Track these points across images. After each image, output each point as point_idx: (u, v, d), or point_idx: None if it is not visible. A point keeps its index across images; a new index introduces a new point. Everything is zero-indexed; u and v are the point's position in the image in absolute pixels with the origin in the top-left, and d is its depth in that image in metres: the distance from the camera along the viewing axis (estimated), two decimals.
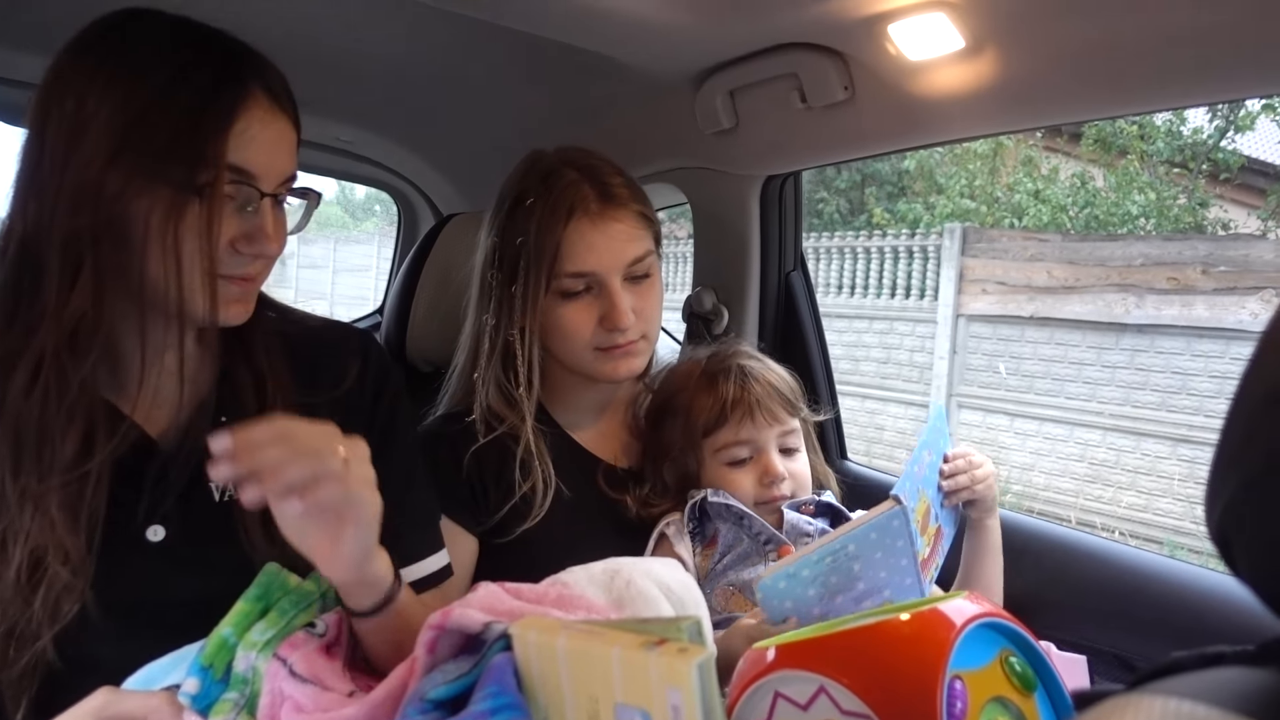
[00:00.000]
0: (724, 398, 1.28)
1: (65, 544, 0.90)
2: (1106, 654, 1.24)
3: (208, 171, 0.87)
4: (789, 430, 1.29)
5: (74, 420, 0.90)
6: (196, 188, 0.87)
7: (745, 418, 1.27)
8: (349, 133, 2.08)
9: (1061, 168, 8.97)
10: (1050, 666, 0.78)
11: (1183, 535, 5.86)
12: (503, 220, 1.28)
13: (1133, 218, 8.15)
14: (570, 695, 0.72)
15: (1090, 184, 8.52)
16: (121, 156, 0.86)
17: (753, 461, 1.27)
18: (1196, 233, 7.66)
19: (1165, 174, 8.43)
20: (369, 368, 1.12)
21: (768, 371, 1.31)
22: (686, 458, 1.31)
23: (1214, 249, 6.08)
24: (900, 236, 8.00)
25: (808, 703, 0.75)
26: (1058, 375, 6.73)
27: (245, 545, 0.98)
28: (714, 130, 1.54)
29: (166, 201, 0.87)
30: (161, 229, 0.87)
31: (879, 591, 1.10)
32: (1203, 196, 8.37)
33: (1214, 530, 0.51)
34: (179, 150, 0.87)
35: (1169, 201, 8.23)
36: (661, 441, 1.33)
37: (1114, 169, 8.42)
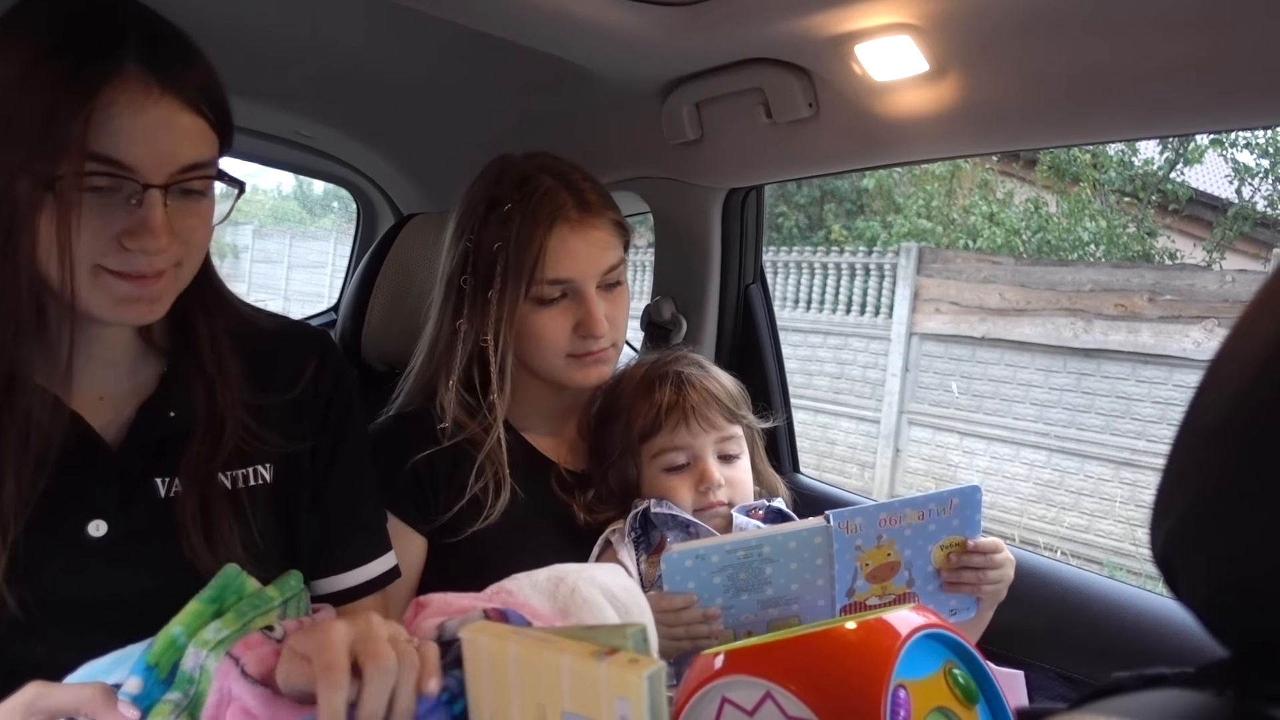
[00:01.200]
0: (659, 403, 1.28)
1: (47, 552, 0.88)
2: (1045, 670, 1.26)
3: (68, 162, 0.81)
4: (727, 436, 1.29)
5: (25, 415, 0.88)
6: (52, 180, 0.81)
7: (680, 424, 1.27)
8: (309, 127, 2.06)
9: (1016, 192, 9.14)
10: (992, 680, 0.79)
11: (1122, 556, 5.99)
12: (476, 225, 1.26)
13: (1083, 244, 8.32)
14: (518, 701, 0.72)
15: (1043, 209, 8.69)
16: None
17: (689, 468, 1.28)
18: (1145, 262, 7.84)
19: (1116, 202, 8.63)
20: (325, 370, 1.11)
21: (707, 379, 1.32)
22: (626, 463, 1.31)
23: (1161, 278, 6.24)
24: (858, 254, 8.09)
25: (754, 708, 0.76)
26: (1006, 396, 6.84)
27: (185, 549, 0.96)
28: (679, 141, 1.54)
29: (29, 193, 0.81)
30: (34, 221, 0.82)
31: (787, 603, 1.12)
32: (1151, 226, 8.57)
33: (1157, 554, 0.52)
34: (34, 139, 0.80)
35: (1119, 230, 8.42)
36: (604, 446, 1.34)
37: (1067, 195, 8.60)
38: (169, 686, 0.89)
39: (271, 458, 1.05)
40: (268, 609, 0.97)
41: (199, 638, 0.91)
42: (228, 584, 0.96)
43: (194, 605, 0.93)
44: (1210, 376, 0.49)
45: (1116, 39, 1.00)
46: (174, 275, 0.92)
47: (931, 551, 1.13)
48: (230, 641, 0.91)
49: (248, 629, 0.94)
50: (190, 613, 0.92)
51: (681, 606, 1.08)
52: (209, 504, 0.98)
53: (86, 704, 0.79)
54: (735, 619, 1.12)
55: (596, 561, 1.25)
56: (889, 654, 0.73)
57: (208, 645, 0.90)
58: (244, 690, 0.87)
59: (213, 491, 0.98)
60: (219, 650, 0.90)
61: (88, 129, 0.81)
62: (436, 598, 0.93)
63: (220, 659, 0.89)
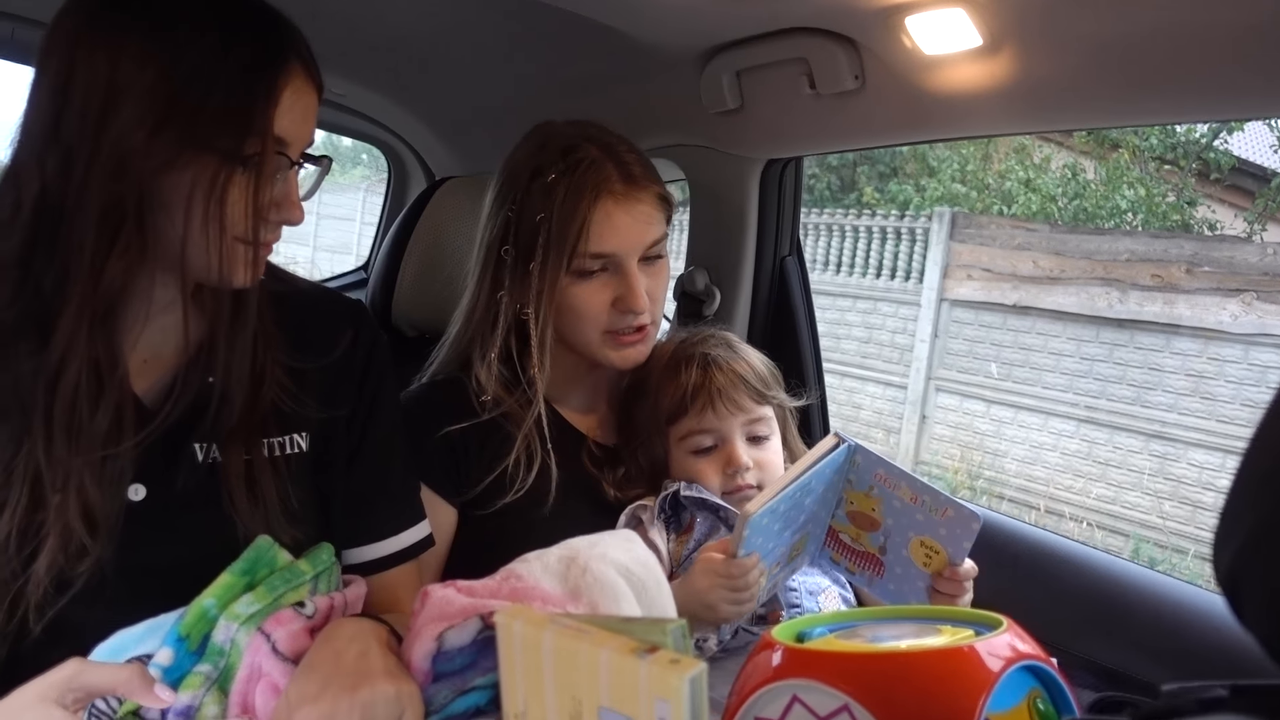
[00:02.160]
0: (685, 386, 1.26)
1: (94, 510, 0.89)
2: (1078, 659, 1.25)
3: (254, 142, 0.87)
4: (755, 419, 1.27)
5: (106, 392, 0.88)
6: (243, 158, 0.87)
7: (706, 407, 1.25)
8: (341, 85, 2.03)
9: (1053, 157, 8.97)
10: (1073, 706, 0.78)
11: (1149, 529, 5.95)
12: (519, 195, 1.24)
13: (1121, 212, 8.17)
14: (553, 690, 0.71)
15: (1081, 175, 8.53)
16: (167, 125, 0.84)
17: (717, 450, 1.26)
18: (1184, 232, 7.70)
19: (1156, 170, 8.45)
20: (360, 339, 1.11)
21: (735, 360, 1.29)
22: (654, 444, 1.30)
23: (1200, 249, 6.12)
24: (889, 217, 7.99)
25: (827, 716, 0.75)
26: (1036, 364, 6.77)
27: (228, 507, 0.96)
28: (718, 110, 1.51)
29: (212, 171, 0.86)
30: (206, 199, 0.86)
31: (804, 526, 1.12)
32: (1192, 195, 8.39)
33: (1222, 579, 0.51)
34: (228, 121, 0.86)
35: (1158, 198, 8.25)
36: (632, 424, 1.33)
37: (1105, 162, 8.43)
38: (200, 658, 0.90)
39: (307, 426, 1.05)
40: (299, 583, 0.97)
41: (230, 610, 0.91)
42: (260, 556, 0.96)
43: (226, 577, 0.93)
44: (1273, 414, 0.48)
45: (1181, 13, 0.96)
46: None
47: (911, 539, 1.12)
48: (261, 616, 0.92)
49: (279, 603, 0.94)
50: (222, 585, 0.93)
51: (752, 567, 1.06)
52: (253, 466, 0.99)
53: (124, 684, 0.80)
54: (775, 556, 1.11)
55: None
56: (979, 689, 0.71)
57: (239, 619, 0.91)
58: (274, 666, 0.88)
59: (256, 453, 0.99)
60: (250, 624, 0.91)
61: (278, 113, 0.88)
62: (439, 595, 0.92)
63: (251, 633, 0.90)
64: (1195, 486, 5.84)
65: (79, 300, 0.85)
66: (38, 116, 0.86)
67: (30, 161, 0.85)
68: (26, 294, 0.87)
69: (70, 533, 0.87)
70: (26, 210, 0.85)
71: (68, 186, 0.84)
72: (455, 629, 0.87)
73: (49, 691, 0.77)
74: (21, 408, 0.87)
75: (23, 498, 0.87)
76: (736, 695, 0.83)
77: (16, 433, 0.88)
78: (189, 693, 0.86)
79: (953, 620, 0.87)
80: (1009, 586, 1.34)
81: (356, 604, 1.03)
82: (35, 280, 0.86)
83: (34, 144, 0.86)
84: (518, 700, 0.75)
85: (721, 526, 1.23)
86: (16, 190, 0.86)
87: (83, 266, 0.85)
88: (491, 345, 1.27)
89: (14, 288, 0.87)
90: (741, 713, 0.82)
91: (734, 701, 0.83)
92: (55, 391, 0.86)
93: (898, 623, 0.90)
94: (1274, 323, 5.61)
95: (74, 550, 0.88)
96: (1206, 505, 5.76)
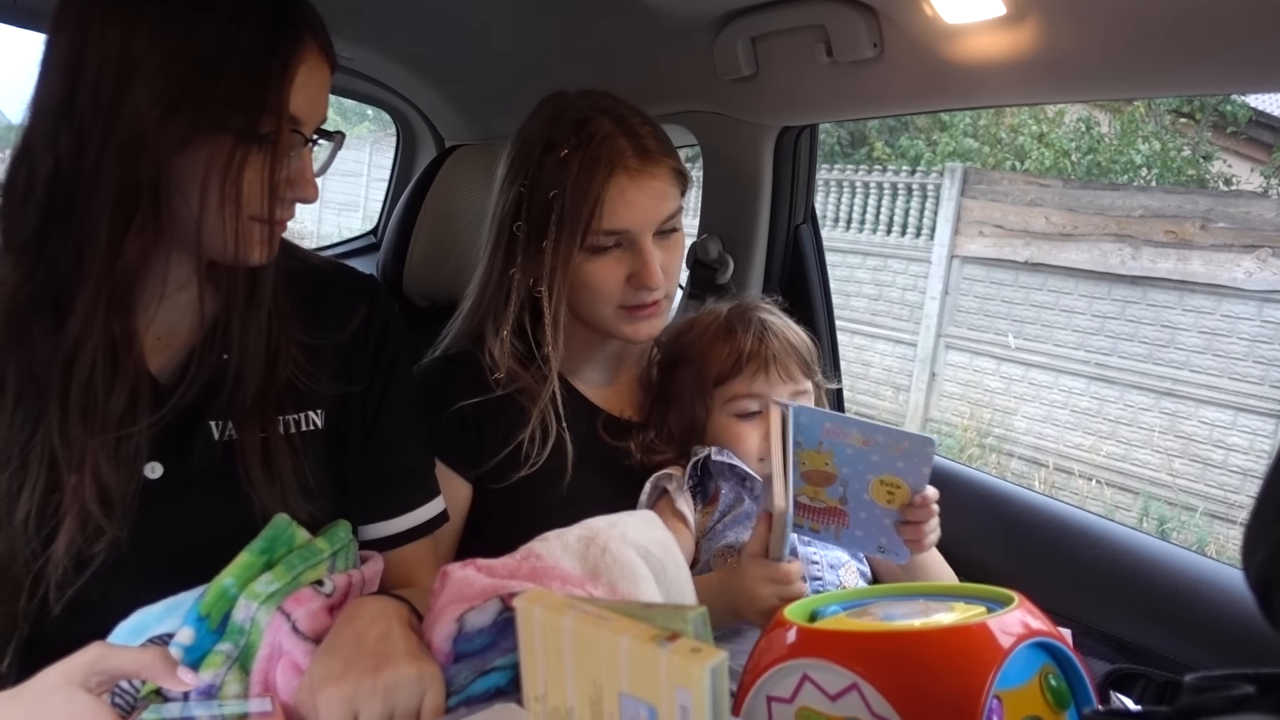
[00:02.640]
0: (740, 349, 1.27)
1: (109, 491, 0.89)
2: (1095, 630, 1.25)
3: (270, 120, 0.86)
4: (801, 391, 1.28)
5: (122, 372, 0.88)
6: (258, 137, 0.86)
7: (760, 371, 1.26)
8: (350, 49, 2.01)
9: (1067, 111, 8.84)
10: (1087, 685, 0.78)
11: (1159, 486, 5.95)
12: (531, 169, 1.22)
13: (1135, 167, 8.07)
14: (573, 675, 0.72)
15: (1095, 130, 8.41)
16: (182, 105, 0.83)
17: (761, 416, 1.26)
18: (1199, 187, 7.60)
19: (1171, 124, 8.33)
20: (374, 316, 1.11)
21: (788, 330, 1.30)
22: (695, 406, 1.30)
23: (1215, 204, 6.04)
24: (900, 173, 7.90)
25: (837, 695, 0.76)
26: (1048, 322, 6.73)
27: (244, 484, 0.97)
28: (732, 77, 1.49)
29: (228, 151, 0.85)
30: (221, 179, 0.86)
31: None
32: (1208, 149, 8.28)
33: (1253, 578, 0.50)
34: (243, 100, 0.85)
35: (1173, 152, 8.14)
36: (672, 388, 1.32)
37: (1120, 115, 8.31)
38: (220, 637, 0.91)
39: (322, 403, 1.05)
40: (317, 561, 0.98)
41: (250, 590, 0.92)
42: (278, 535, 0.97)
43: (245, 556, 0.93)
44: None
45: None
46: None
47: (870, 481, 1.11)
48: (281, 595, 0.92)
49: (298, 582, 0.95)
50: (241, 564, 0.93)
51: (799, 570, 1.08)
52: (269, 443, 0.99)
53: (147, 668, 0.80)
54: None
55: (649, 507, 1.25)
56: (988, 667, 0.72)
57: (259, 598, 0.91)
58: (295, 645, 0.88)
59: (272, 430, 0.99)
60: (270, 603, 0.91)
61: (292, 90, 0.87)
62: (459, 575, 0.93)
63: (271, 612, 0.90)
64: (1206, 444, 5.83)
65: (96, 280, 0.85)
66: (49, 93, 0.85)
67: (43, 139, 0.84)
68: (41, 272, 0.86)
69: (87, 513, 0.88)
70: (40, 188, 0.85)
71: (82, 166, 0.83)
72: (476, 610, 0.87)
73: (73, 675, 0.78)
74: (38, 388, 0.87)
75: (40, 478, 0.87)
76: (749, 674, 0.84)
77: (33, 413, 0.88)
78: (210, 671, 0.87)
79: (966, 597, 0.88)
80: (1024, 558, 1.34)
81: (374, 581, 1.04)
82: (50, 259, 0.86)
83: (46, 121, 0.85)
84: (538, 683, 0.75)
85: (746, 497, 1.23)
86: (30, 167, 0.85)
87: (99, 247, 0.84)
88: (504, 322, 1.26)
89: (29, 266, 0.86)
90: (753, 691, 0.83)
91: (746, 680, 0.84)
92: (71, 372, 0.86)
93: (911, 600, 0.91)
94: None
95: (91, 530, 0.89)
96: (1216, 463, 5.75)
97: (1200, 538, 5.46)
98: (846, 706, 0.76)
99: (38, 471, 0.87)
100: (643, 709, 0.66)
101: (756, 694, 0.82)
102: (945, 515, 1.21)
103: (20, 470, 0.87)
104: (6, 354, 0.88)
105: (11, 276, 0.87)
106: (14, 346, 0.87)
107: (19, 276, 0.87)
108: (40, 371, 0.87)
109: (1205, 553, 1.23)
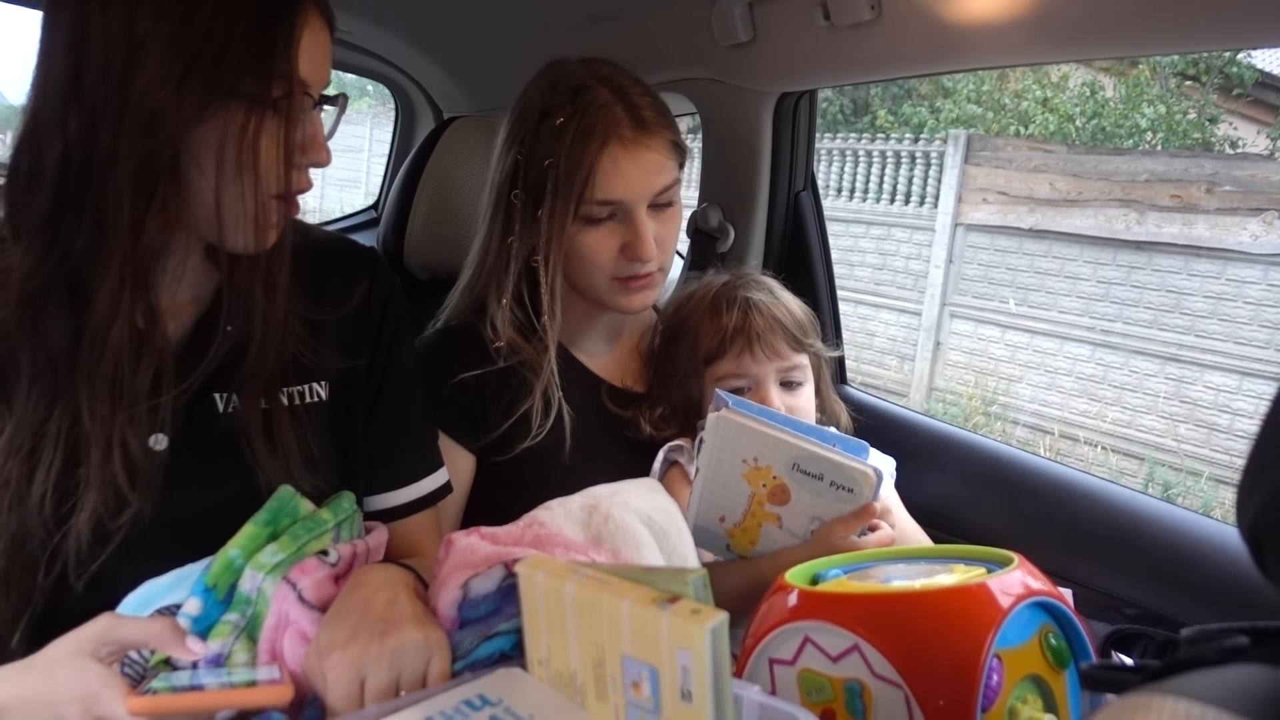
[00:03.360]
0: (725, 328, 1.27)
1: (136, 462, 0.90)
2: (1096, 591, 1.26)
3: (280, 85, 0.86)
4: (791, 365, 1.28)
5: (147, 349, 0.89)
6: (272, 102, 0.86)
7: (745, 350, 1.26)
8: (349, 23, 1.99)
9: (1071, 75, 8.76)
10: (1087, 644, 0.79)
11: (1164, 452, 5.95)
12: (528, 137, 1.22)
13: (1140, 131, 8.01)
14: (575, 639, 0.73)
15: (1100, 94, 8.34)
16: (192, 75, 0.82)
17: (750, 394, 1.26)
18: (1204, 150, 7.54)
19: (1177, 86, 8.25)
20: (375, 288, 1.11)
21: (775, 305, 1.29)
22: (689, 383, 1.30)
23: (1220, 168, 6.00)
24: (904, 141, 7.85)
25: (838, 656, 0.76)
26: (1053, 289, 6.71)
27: (248, 455, 0.97)
28: (730, 43, 1.48)
29: (242, 118, 0.85)
30: (238, 147, 0.85)
31: None
32: (1213, 112, 8.20)
33: (1246, 530, 0.50)
34: (252, 66, 0.85)
35: (1178, 116, 8.07)
36: (669, 364, 1.33)
37: (1125, 79, 8.23)
38: (227, 607, 0.92)
39: (326, 375, 1.06)
40: (322, 532, 0.99)
41: (255, 560, 0.93)
42: (282, 506, 0.97)
43: (249, 528, 0.94)
44: None
45: None
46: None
47: None
48: (286, 565, 0.93)
49: (303, 552, 0.96)
50: (246, 535, 0.94)
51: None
52: (271, 414, 0.99)
53: (156, 638, 0.81)
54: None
55: (660, 478, 1.26)
56: (988, 626, 0.72)
57: (264, 568, 0.92)
58: (301, 615, 0.89)
59: (275, 402, 1.00)
60: (276, 573, 0.92)
61: (299, 54, 0.87)
62: (462, 542, 0.93)
63: (277, 582, 0.91)
64: (1211, 409, 5.82)
65: (120, 260, 0.85)
66: (53, 76, 0.84)
67: (51, 123, 0.84)
68: (55, 257, 0.86)
69: (114, 487, 0.89)
70: (50, 173, 0.84)
71: (95, 147, 0.83)
72: (480, 577, 0.88)
73: (84, 645, 0.79)
74: (53, 370, 0.88)
75: (56, 459, 0.88)
76: (751, 637, 0.84)
77: (48, 395, 0.88)
78: (218, 641, 0.88)
79: (966, 559, 0.88)
80: (1026, 521, 1.34)
81: (379, 551, 1.05)
82: (65, 243, 0.85)
83: (53, 104, 0.84)
84: (541, 648, 0.76)
85: None
86: (37, 152, 0.85)
87: (120, 226, 0.84)
88: (505, 289, 1.26)
89: (43, 250, 0.86)
90: (756, 654, 0.83)
91: (749, 644, 0.84)
92: (100, 351, 0.86)
93: (912, 562, 0.91)
94: None
95: (116, 504, 0.89)
96: (1222, 428, 5.75)
97: (1206, 503, 5.46)
98: (848, 667, 0.76)
99: (53, 453, 0.88)
100: (644, 670, 0.67)
101: (759, 657, 0.83)
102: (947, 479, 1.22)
103: (33, 453, 0.88)
104: (20, 339, 0.87)
105: (25, 261, 0.86)
106: (28, 332, 0.87)
107: (32, 261, 0.86)
108: (57, 355, 0.87)
109: (1211, 517, 1.22)
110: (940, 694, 0.71)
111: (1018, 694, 0.74)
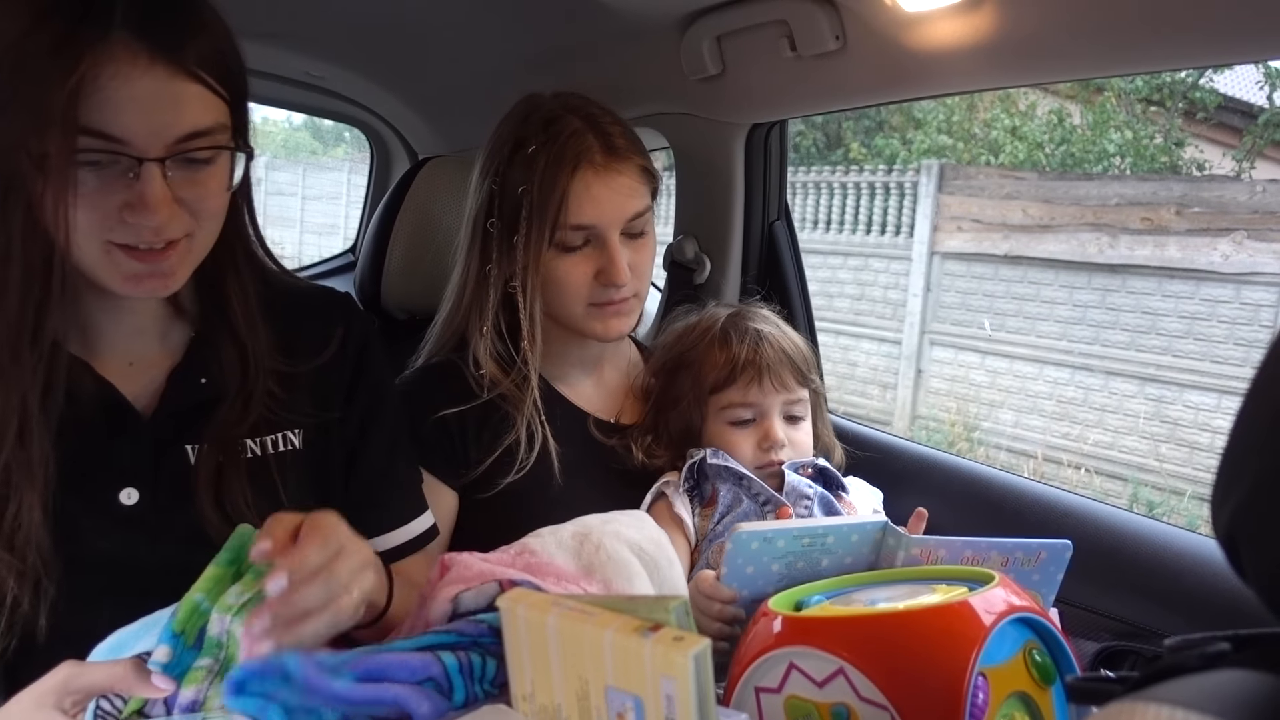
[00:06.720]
0: (735, 358, 1.28)
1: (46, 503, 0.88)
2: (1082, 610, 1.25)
3: (58, 137, 0.76)
4: (795, 399, 1.29)
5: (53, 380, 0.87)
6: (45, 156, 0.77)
7: (753, 381, 1.27)
8: (319, 68, 2.01)
9: (1039, 104, 8.90)
10: (1071, 659, 0.78)
11: (1146, 472, 5.98)
12: (502, 166, 1.24)
13: (1108, 155, 8.13)
14: (559, 672, 0.72)
15: (1067, 121, 8.47)
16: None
17: (754, 425, 1.28)
18: (1172, 173, 7.66)
19: (1142, 112, 8.39)
20: (351, 335, 1.10)
21: (783, 338, 1.31)
22: (692, 412, 1.31)
23: (1189, 190, 6.09)
24: (877, 172, 7.94)
25: (824, 681, 0.75)
26: (1029, 314, 6.77)
27: (225, 506, 0.96)
28: (699, 76, 1.49)
29: (28, 170, 0.78)
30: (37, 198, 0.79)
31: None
32: (1179, 136, 8.34)
33: (1221, 534, 0.51)
34: (26, 113, 0.76)
35: (1145, 140, 8.20)
36: (671, 393, 1.34)
37: (1091, 106, 8.37)
38: (198, 653, 0.90)
39: (301, 424, 1.04)
40: None
41: (221, 603, 0.91)
42: (242, 544, 0.95)
43: (212, 569, 0.92)
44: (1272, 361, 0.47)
45: None
46: (187, 247, 0.89)
47: None
48: (253, 604, 0.91)
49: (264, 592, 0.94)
50: (210, 577, 0.92)
51: (728, 600, 1.04)
52: (224, 469, 0.97)
53: (120, 680, 0.79)
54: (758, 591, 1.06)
55: (649, 512, 1.25)
56: (971, 644, 0.72)
57: (231, 610, 0.90)
58: None
59: (230, 457, 0.98)
60: (243, 614, 0.91)
61: (77, 101, 0.76)
62: (460, 559, 0.93)
63: (245, 623, 0.90)
64: (1192, 428, 5.86)
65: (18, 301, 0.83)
66: None
67: None
68: None
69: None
70: None
71: None
72: (472, 591, 0.87)
73: (46, 697, 0.77)
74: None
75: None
76: (737, 665, 0.84)
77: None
78: (193, 687, 0.86)
79: (947, 579, 0.88)
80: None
81: None
82: None
83: None
84: (525, 682, 0.75)
85: (745, 498, 1.24)
86: None
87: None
88: (485, 318, 1.26)
89: None
90: (741, 683, 0.83)
91: (734, 672, 0.84)
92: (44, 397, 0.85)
93: (894, 585, 0.91)
94: (1265, 261, 5.60)
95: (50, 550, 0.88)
96: (1203, 446, 5.78)
97: (1190, 520, 5.48)
98: (834, 692, 0.76)
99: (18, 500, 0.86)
100: (629, 700, 0.66)
101: (744, 686, 0.82)
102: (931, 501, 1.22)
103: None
104: None
105: None
106: None
107: None
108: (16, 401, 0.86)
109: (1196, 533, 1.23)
110: (927, 714, 0.70)
111: (1005, 712, 0.73)
